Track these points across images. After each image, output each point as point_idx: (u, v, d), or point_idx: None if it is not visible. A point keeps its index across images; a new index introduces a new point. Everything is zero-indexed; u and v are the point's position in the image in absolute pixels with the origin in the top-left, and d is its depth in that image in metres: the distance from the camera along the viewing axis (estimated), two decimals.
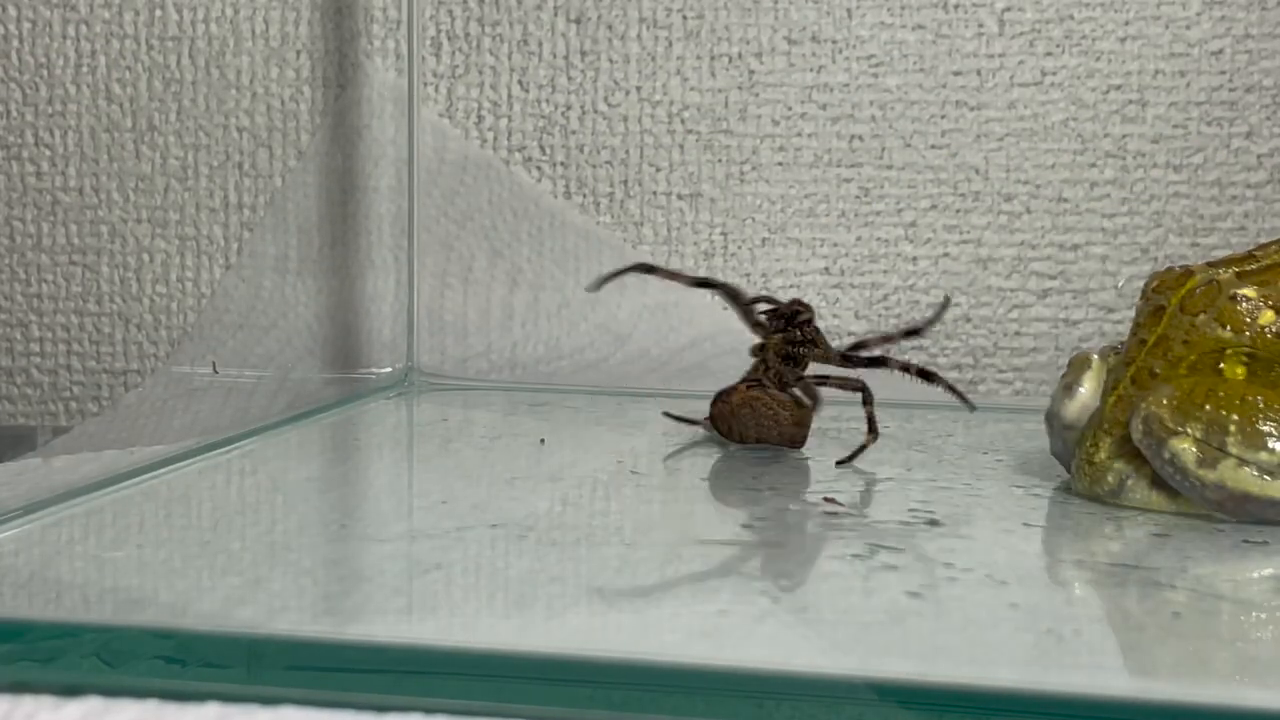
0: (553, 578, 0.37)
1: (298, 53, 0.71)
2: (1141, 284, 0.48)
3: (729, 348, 0.71)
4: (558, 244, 0.72)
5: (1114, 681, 0.30)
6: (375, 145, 0.72)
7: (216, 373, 0.68)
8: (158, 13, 0.72)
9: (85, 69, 0.72)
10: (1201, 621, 0.35)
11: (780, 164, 0.70)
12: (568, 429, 0.59)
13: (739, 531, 0.41)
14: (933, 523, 0.43)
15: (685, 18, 0.70)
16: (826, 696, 0.31)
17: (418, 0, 0.71)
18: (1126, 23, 0.68)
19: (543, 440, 0.55)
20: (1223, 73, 0.68)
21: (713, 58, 0.70)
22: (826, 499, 0.45)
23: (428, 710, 0.31)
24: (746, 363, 0.72)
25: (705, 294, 0.70)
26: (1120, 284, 0.65)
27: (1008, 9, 0.68)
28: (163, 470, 0.49)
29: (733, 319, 0.70)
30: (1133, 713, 0.29)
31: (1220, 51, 0.68)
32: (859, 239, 0.70)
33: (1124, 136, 0.68)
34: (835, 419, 0.61)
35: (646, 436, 0.59)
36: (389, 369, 0.71)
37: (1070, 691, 0.30)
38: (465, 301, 0.72)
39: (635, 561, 0.39)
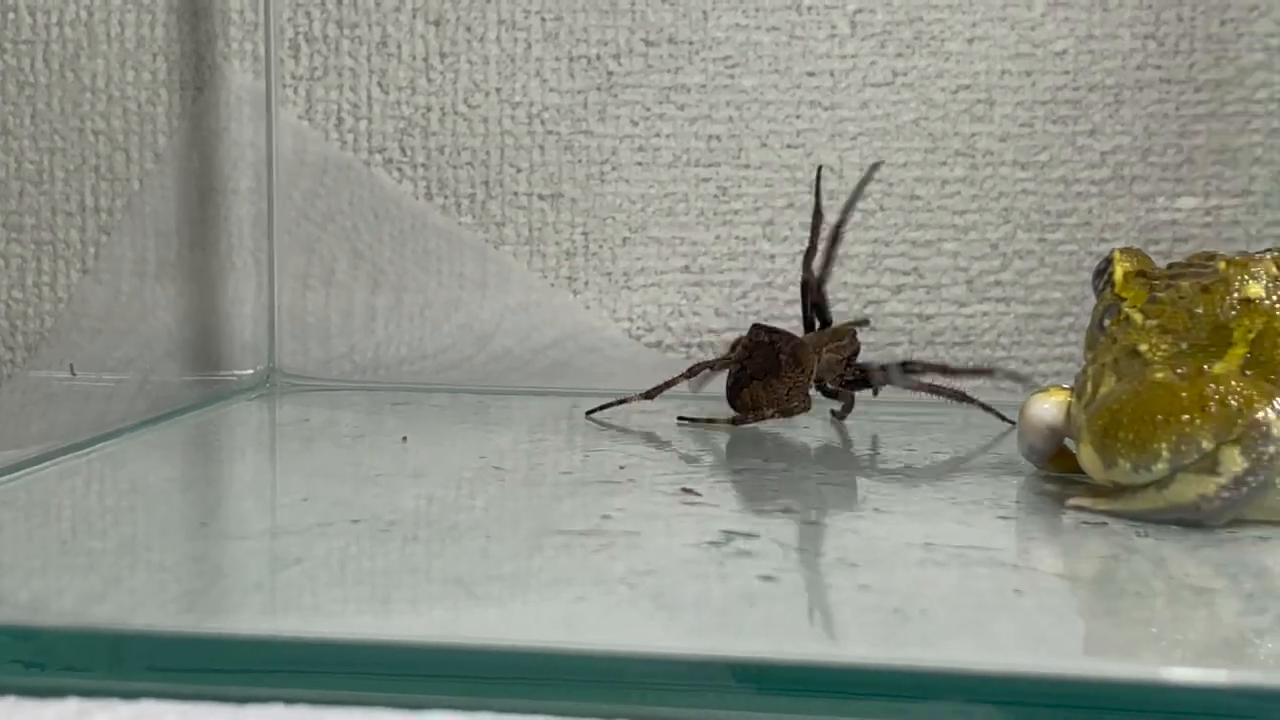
0: (414, 570, 0.38)
1: (154, 55, 0.71)
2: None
3: (591, 346, 0.72)
4: (420, 245, 0.72)
5: (957, 655, 0.32)
6: (234, 148, 0.71)
7: (74, 376, 0.68)
8: (10, 16, 0.71)
9: None
10: (1041, 599, 0.36)
11: (640, 164, 0.71)
12: (431, 427, 0.60)
13: (599, 522, 0.42)
14: (788, 510, 0.44)
15: (543, 19, 0.70)
16: (682, 677, 0.32)
17: (275, 3, 0.71)
18: (974, 24, 0.69)
19: (405, 438, 0.55)
20: (1066, 72, 0.70)
21: (571, 59, 0.71)
22: (685, 490, 0.46)
23: (289, 701, 0.31)
24: (610, 360, 0.73)
25: (568, 294, 0.71)
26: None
27: (859, 11, 0.69)
28: (20, 474, 0.49)
29: (595, 318, 0.71)
30: (973, 683, 0.30)
31: (1064, 52, 0.69)
32: (718, 237, 0.71)
33: (973, 135, 0.70)
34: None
35: (510, 433, 0.59)
36: (251, 371, 0.71)
37: (915, 665, 0.31)
38: (327, 303, 0.72)
39: (496, 553, 0.39)
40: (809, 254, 0.60)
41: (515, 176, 0.71)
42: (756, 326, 0.60)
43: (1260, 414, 0.41)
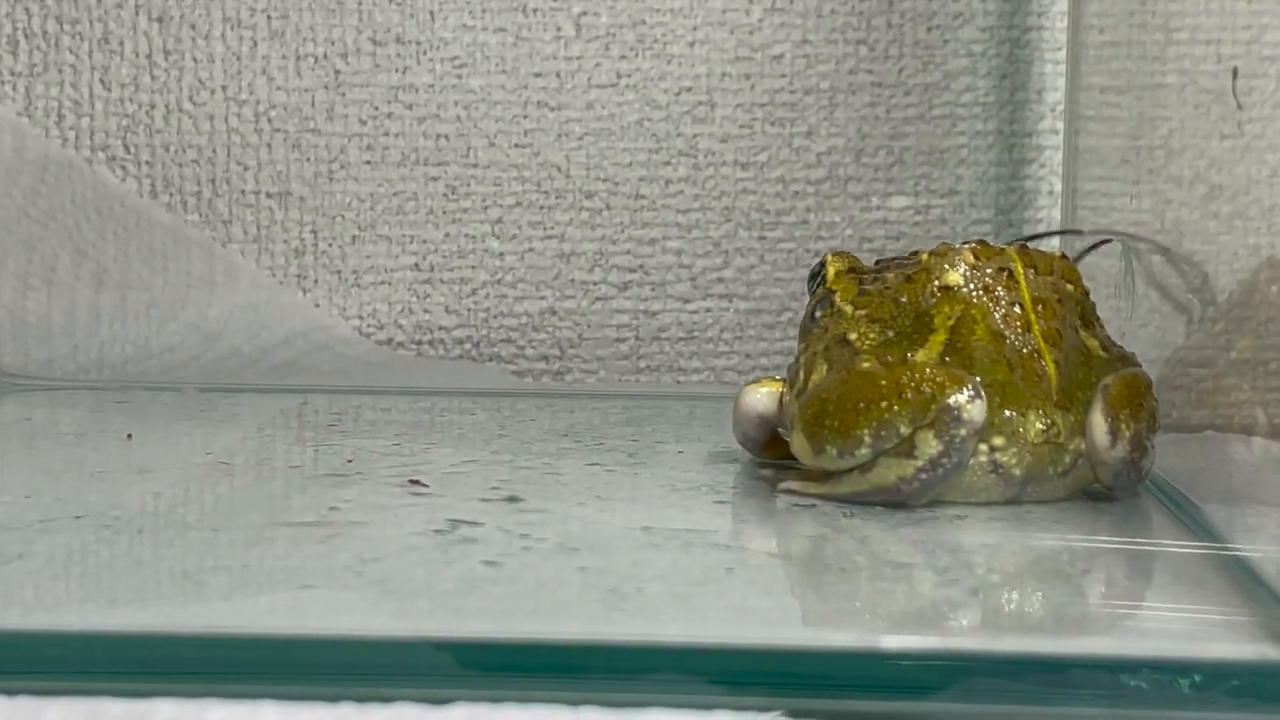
0: (139, 563, 0.38)
1: None
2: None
3: (321, 344, 0.72)
4: (145, 243, 0.71)
5: (669, 629, 0.33)
6: None
7: None
8: None
9: None
10: (751, 575, 0.38)
11: (369, 162, 0.71)
12: (157, 425, 0.59)
13: (326, 514, 0.43)
14: (512, 499, 0.45)
15: (270, 18, 0.70)
16: (405, 659, 0.33)
17: None
18: (695, 28, 0.71)
19: (129, 435, 0.55)
20: (784, 76, 0.72)
21: (298, 58, 0.71)
22: (412, 481, 0.47)
23: (10, 693, 0.31)
24: (340, 357, 0.73)
25: (297, 292, 0.71)
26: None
27: (583, 14, 0.71)
28: None
29: (325, 316, 0.71)
30: (682, 655, 0.32)
31: (781, 56, 0.72)
32: (447, 235, 0.71)
33: (695, 136, 0.72)
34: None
35: (239, 430, 0.59)
36: None
37: (628, 640, 0.33)
38: (50, 302, 0.71)
39: (221, 545, 0.40)
40: None
41: (242, 174, 0.71)
42: None
43: (952, 399, 0.44)
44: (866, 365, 0.45)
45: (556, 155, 0.71)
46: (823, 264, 0.52)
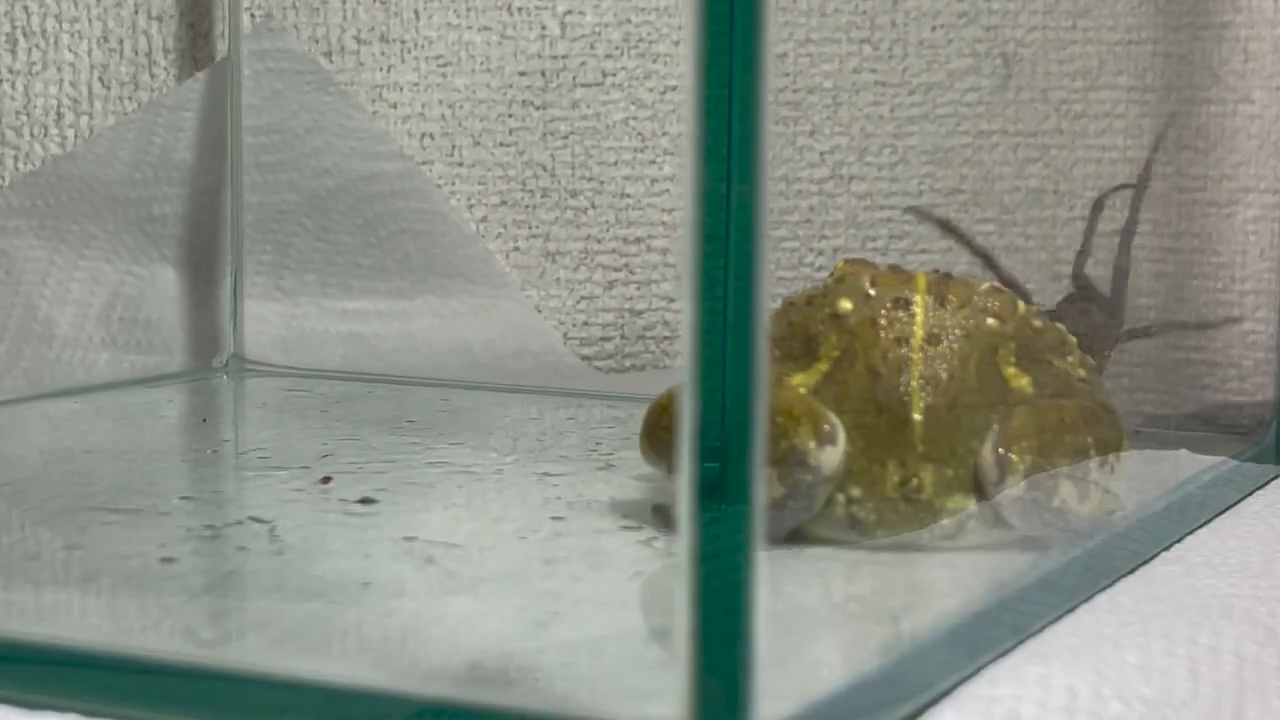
0: None
1: None
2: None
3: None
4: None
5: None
6: None
7: None
8: None
9: None
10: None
11: None
12: (259, 414, 0.62)
13: (171, 503, 0.43)
14: (366, 500, 0.44)
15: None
16: None
17: None
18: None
19: (204, 419, 0.59)
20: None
21: None
22: (323, 479, 0.47)
23: None
24: None
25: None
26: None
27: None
28: None
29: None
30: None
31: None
32: None
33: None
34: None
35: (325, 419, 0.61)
36: None
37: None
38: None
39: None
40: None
41: None
42: None
43: (798, 441, 0.39)
44: None
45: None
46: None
